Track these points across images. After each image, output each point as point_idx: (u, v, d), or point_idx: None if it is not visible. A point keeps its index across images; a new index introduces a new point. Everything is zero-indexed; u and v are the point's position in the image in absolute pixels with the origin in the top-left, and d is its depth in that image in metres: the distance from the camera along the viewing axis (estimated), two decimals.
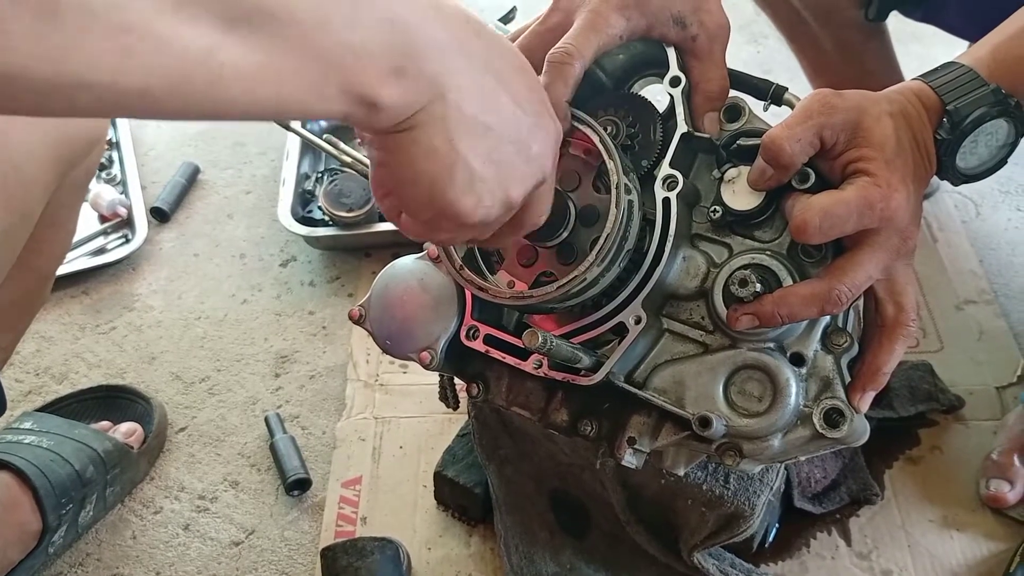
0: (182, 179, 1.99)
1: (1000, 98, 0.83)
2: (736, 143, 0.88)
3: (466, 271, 0.88)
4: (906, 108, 0.83)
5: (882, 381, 0.85)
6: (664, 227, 0.86)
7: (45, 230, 1.07)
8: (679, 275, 0.88)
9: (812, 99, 0.82)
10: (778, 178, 0.83)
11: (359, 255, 1.80)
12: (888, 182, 0.78)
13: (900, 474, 1.32)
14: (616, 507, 1.15)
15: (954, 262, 1.63)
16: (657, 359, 0.88)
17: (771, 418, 0.82)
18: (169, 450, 1.50)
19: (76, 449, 1.35)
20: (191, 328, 1.72)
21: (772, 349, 0.85)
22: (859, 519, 1.27)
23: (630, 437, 0.88)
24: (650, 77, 0.97)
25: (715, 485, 1.06)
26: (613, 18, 0.87)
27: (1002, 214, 1.73)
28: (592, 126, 0.85)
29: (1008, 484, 1.25)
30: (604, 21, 0.87)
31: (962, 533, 1.25)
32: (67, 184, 1.04)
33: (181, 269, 1.84)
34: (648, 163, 0.90)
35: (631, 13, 0.88)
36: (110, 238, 1.86)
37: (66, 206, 1.13)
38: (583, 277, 0.82)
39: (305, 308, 1.73)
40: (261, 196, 1.98)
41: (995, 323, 1.52)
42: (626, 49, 0.94)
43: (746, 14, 2.13)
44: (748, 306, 0.82)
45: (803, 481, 1.22)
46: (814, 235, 0.78)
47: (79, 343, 1.70)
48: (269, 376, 1.61)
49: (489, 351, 0.89)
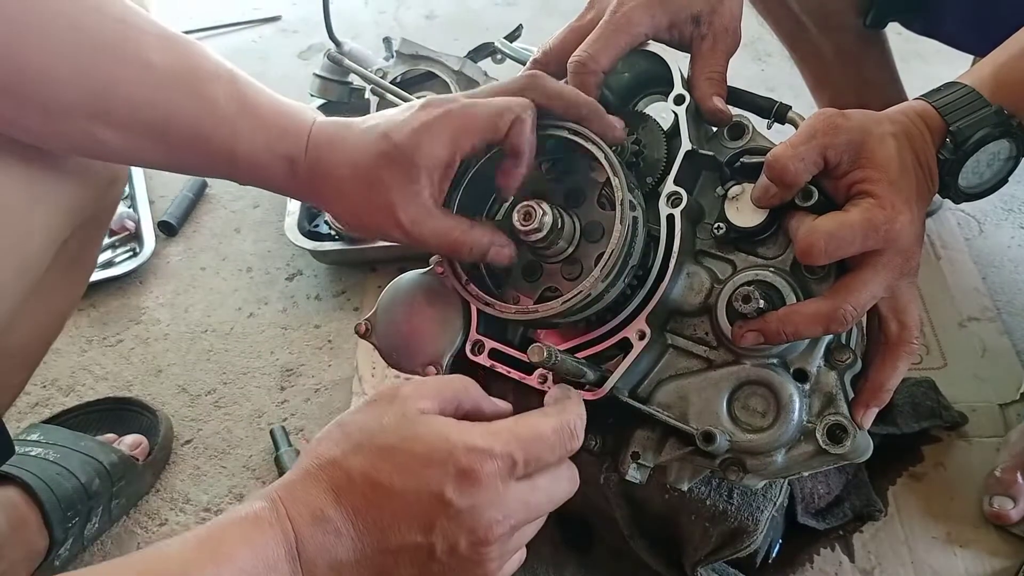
0: (190, 193, 2.00)
1: (1002, 119, 0.84)
2: (740, 161, 0.89)
3: (472, 286, 0.89)
4: (909, 128, 0.84)
5: (885, 398, 0.86)
6: (668, 243, 0.86)
7: (62, 271, 1.06)
8: (683, 291, 0.89)
9: (816, 119, 0.83)
10: (781, 196, 0.84)
11: (365, 269, 1.81)
12: (892, 204, 0.79)
13: (903, 490, 1.32)
14: (620, 522, 1.15)
15: (957, 280, 1.63)
16: (661, 374, 0.89)
17: (774, 434, 0.83)
18: (175, 462, 1.51)
19: (82, 462, 1.35)
20: (197, 341, 1.72)
21: (776, 365, 0.85)
22: (862, 535, 1.27)
23: (634, 452, 0.88)
24: (654, 95, 0.98)
25: (719, 500, 1.06)
26: (638, 15, 0.90)
27: (1005, 232, 1.73)
28: (597, 143, 0.86)
29: (1011, 501, 1.25)
30: (629, 20, 0.90)
31: (965, 550, 1.25)
32: (86, 223, 1.03)
33: (188, 282, 1.85)
34: (653, 180, 0.91)
35: (656, 11, 0.91)
36: (118, 251, 1.87)
37: (84, 246, 1.12)
38: (588, 292, 0.83)
39: (311, 322, 1.74)
40: (268, 210, 1.99)
41: (998, 340, 1.52)
42: (631, 68, 0.96)
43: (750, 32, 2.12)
44: (753, 323, 0.82)
45: (807, 497, 1.22)
46: (819, 258, 0.79)
47: (86, 355, 1.71)
48: (275, 389, 1.62)
49: (494, 365, 0.89)
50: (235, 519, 0.66)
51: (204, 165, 0.90)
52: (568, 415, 0.75)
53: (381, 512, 0.66)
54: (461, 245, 0.86)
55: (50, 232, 0.94)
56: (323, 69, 1.85)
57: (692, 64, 0.95)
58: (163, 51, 0.85)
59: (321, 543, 0.65)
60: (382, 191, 0.85)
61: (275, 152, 0.88)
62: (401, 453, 0.67)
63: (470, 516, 0.67)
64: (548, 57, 0.97)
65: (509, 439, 0.69)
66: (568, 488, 0.75)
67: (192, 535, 0.64)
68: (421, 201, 0.85)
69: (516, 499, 0.69)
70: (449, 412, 0.73)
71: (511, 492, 0.69)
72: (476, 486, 0.67)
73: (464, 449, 0.67)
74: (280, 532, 0.65)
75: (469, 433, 0.69)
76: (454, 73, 1.72)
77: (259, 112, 0.88)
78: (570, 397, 0.78)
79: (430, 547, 0.67)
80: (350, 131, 0.88)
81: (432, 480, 0.66)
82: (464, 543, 0.67)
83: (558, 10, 2.54)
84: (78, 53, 0.81)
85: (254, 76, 0.92)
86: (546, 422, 0.73)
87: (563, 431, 0.73)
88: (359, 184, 0.86)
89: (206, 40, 2.56)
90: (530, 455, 0.70)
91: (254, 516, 0.66)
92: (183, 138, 0.87)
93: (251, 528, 0.65)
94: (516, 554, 0.74)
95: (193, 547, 0.63)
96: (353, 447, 0.69)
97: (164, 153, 0.89)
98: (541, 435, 0.71)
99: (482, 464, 0.67)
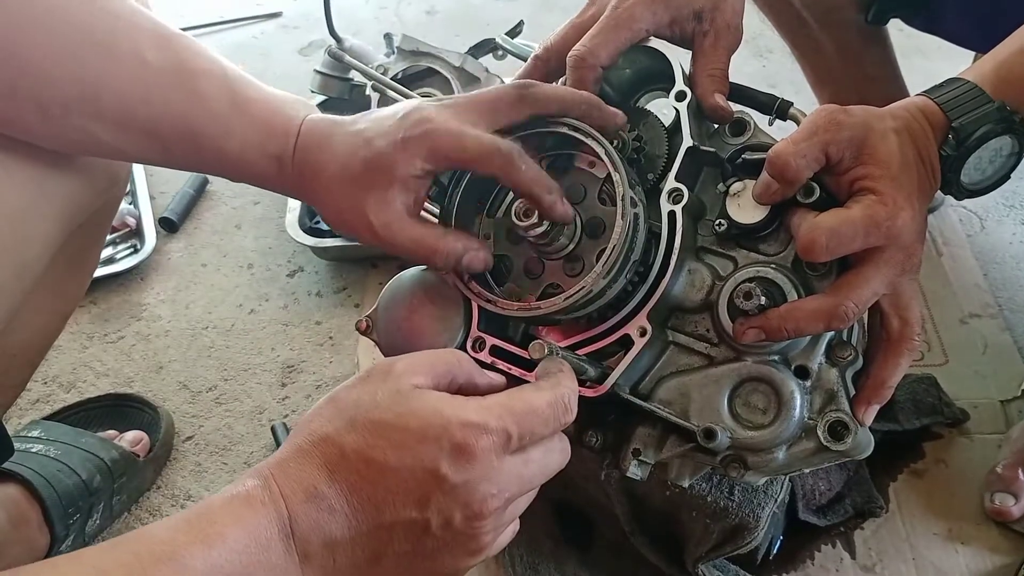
0: (191, 190, 2.00)
1: (1005, 115, 0.84)
2: (741, 157, 0.89)
3: (473, 284, 0.89)
4: (911, 124, 0.84)
5: (886, 394, 0.86)
6: (670, 240, 0.86)
7: (64, 271, 1.05)
8: (684, 288, 0.89)
9: (818, 115, 0.83)
10: (783, 192, 0.83)
11: (366, 266, 1.81)
12: (894, 200, 0.79)
13: (904, 487, 1.32)
14: (621, 518, 1.15)
15: (959, 276, 1.63)
16: (662, 371, 0.89)
17: (775, 430, 0.83)
18: (176, 459, 1.51)
19: (83, 458, 1.36)
20: (199, 338, 1.72)
21: (777, 362, 0.85)
22: (863, 532, 1.27)
23: (635, 449, 0.88)
24: (656, 91, 0.98)
25: (720, 497, 1.06)
26: (639, 11, 0.90)
27: (1007, 228, 1.73)
28: (598, 139, 0.86)
29: (1013, 498, 1.25)
30: (630, 16, 0.90)
31: (966, 546, 1.25)
32: (87, 225, 1.03)
33: (189, 279, 1.85)
34: (654, 177, 0.91)
35: (657, 7, 0.91)
36: (119, 248, 1.87)
37: (85, 246, 1.12)
38: (589, 289, 0.83)
39: (312, 318, 1.74)
40: (269, 207, 1.99)
41: (1000, 337, 1.52)
42: (632, 64, 0.95)
43: (752, 28, 2.13)
44: (755, 320, 0.82)
45: (807, 493, 1.22)
46: (821, 254, 0.79)
47: (87, 352, 1.71)
48: (276, 386, 1.62)
49: (495, 362, 0.89)
50: (226, 498, 0.65)
51: (197, 162, 0.90)
52: (562, 388, 0.75)
53: (375, 488, 0.66)
54: (434, 253, 0.86)
55: (50, 232, 0.94)
56: (324, 65, 1.85)
57: (694, 60, 0.94)
58: (157, 48, 0.85)
59: (315, 520, 0.65)
60: (359, 194, 0.85)
61: (265, 151, 0.88)
62: (395, 429, 0.67)
63: (465, 491, 0.67)
64: (549, 53, 0.97)
65: (503, 413, 0.69)
66: (560, 460, 0.75)
67: (181, 516, 0.64)
68: (394, 208, 0.85)
69: (510, 473, 0.69)
70: (443, 387, 0.73)
71: (505, 466, 0.68)
72: (471, 461, 0.66)
73: (459, 424, 0.67)
74: (273, 510, 0.64)
75: (464, 408, 0.68)
76: (455, 69, 1.71)
77: (250, 109, 0.88)
78: (562, 370, 0.77)
79: (425, 522, 0.66)
80: (337, 131, 0.88)
81: (427, 455, 0.66)
82: (459, 517, 0.67)
83: (559, 6, 2.54)
84: (73, 49, 0.81)
85: (255, 73, 0.92)
86: (540, 396, 0.72)
87: (557, 404, 0.73)
88: (343, 184, 0.86)
89: (207, 36, 2.57)
90: (524, 429, 0.69)
91: (246, 495, 0.65)
92: (175, 135, 0.87)
93: (242, 507, 0.64)
94: (509, 527, 0.74)
95: (183, 528, 0.62)
96: (346, 423, 0.68)
97: (158, 150, 0.89)
98: (535, 409, 0.71)
99: (477, 439, 0.67)
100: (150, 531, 0.63)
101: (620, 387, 0.86)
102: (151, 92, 0.85)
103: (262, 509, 0.64)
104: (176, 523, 0.63)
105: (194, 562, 0.60)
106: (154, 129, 0.87)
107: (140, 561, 0.59)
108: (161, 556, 0.60)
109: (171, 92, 0.86)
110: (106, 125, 0.85)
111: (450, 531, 0.67)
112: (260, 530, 0.63)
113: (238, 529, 0.63)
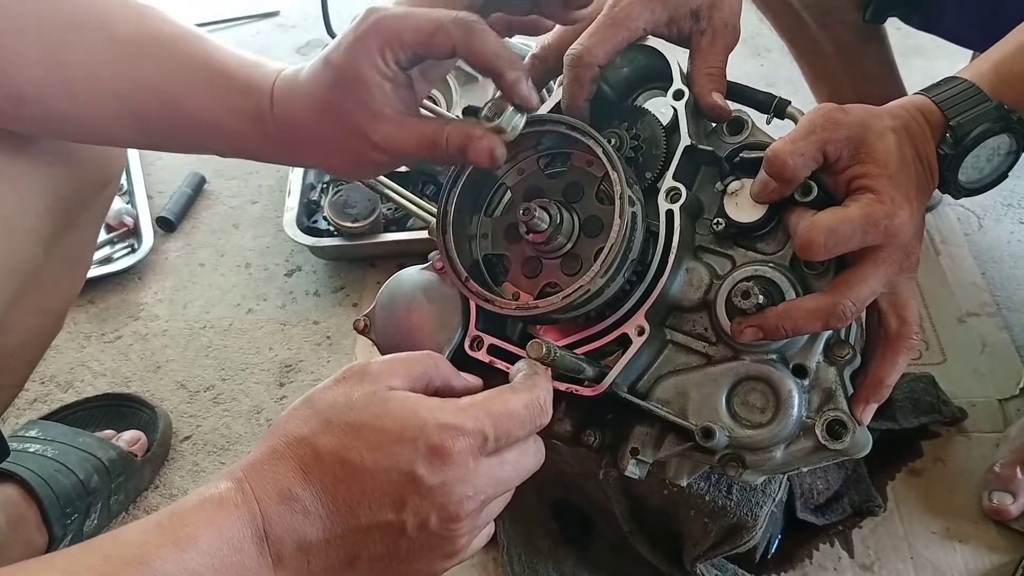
0: (188, 189, 2.00)
1: (1003, 114, 0.84)
2: (739, 156, 0.88)
3: (471, 283, 0.89)
4: (909, 123, 0.84)
5: (884, 393, 0.86)
6: (667, 239, 0.86)
7: (57, 271, 1.05)
8: (682, 287, 0.88)
9: (816, 113, 0.82)
10: (781, 191, 0.83)
11: (364, 265, 1.81)
12: (892, 199, 0.79)
13: (902, 486, 1.32)
14: (619, 517, 1.15)
15: (957, 275, 1.63)
16: (660, 370, 0.89)
17: (773, 429, 0.83)
18: (173, 459, 1.51)
19: (81, 458, 1.35)
20: (196, 337, 1.72)
21: (775, 361, 0.85)
22: (862, 530, 1.27)
23: (633, 448, 0.88)
24: (654, 90, 0.98)
25: (718, 496, 1.06)
26: (636, 10, 0.90)
27: (1005, 227, 1.73)
28: (596, 138, 0.86)
29: (1011, 496, 1.25)
30: (627, 15, 0.90)
31: (965, 545, 1.25)
32: (80, 223, 1.02)
33: (187, 279, 1.85)
34: (652, 175, 0.91)
35: (655, 6, 0.90)
36: (116, 247, 1.87)
37: (79, 244, 1.11)
38: (587, 288, 0.83)
39: (310, 318, 1.74)
40: (267, 206, 1.99)
41: (997, 335, 1.52)
42: (630, 62, 0.95)
43: (749, 27, 2.12)
44: (753, 319, 0.82)
45: (806, 492, 1.22)
46: (819, 253, 0.79)
47: (85, 351, 1.70)
48: (274, 385, 1.62)
49: (493, 361, 0.89)
50: (198, 500, 0.64)
51: (176, 136, 0.89)
52: (538, 390, 0.74)
53: (351, 490, 0.65)
54: (435, 145, 0.82)
55: (40, 227, 0.93)
56: None
57: (691, 59, 0.94)
58: (125, 21, 0.84)
59: (289, 523, 0.64)
60: (346, 119, 0.82)
61: (243, 112, 0.86)
62: (371, 430, 0.67)
63: (441, 493, 0.66)
64: (547, 52, 0.97)
65: (480, 415, 0.69)
66: (535, 461, 0.75)
67: (153, 519, 0.63)
68: (386, 115, 0.82)
69: (486, 475, 0.69)
70: (419, 389, 0.72)
71: (481, 468, 0.68)
72: (447, 463, 0.66)
73: (435, 426, 0.66)
74: (246, 512, 0.64)
75: (440, 410, 0.68)
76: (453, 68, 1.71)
77: (224, 71, 0.86)
78: (538, 372, 0.77)
79: (401, 524, 0.66)
80: (302, 70, 0.86)
81: (403, 457, 0.66)
82: (435, 519, 0.67)
83: None
84: (40, 28, 0.80)
85: None
86: (516, 398, 0.72)
87: (533, 406, 0.73)
88: (325, 121, 0.84)
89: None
90: (500, 431, 0.69)
91: (218, 497, 0.64)
92: (152, 109, 0.86)
93: (215, 509, 0.63)
94: (484, 529, 0.73)
95: (154, 531, 0.61)
96: (322, 424, 0.68)
97: (136, 128, 0.88)
98: (512, 411, 0.71)
99: (453, 441, 0.66)
100: (122, 533, 0.62)
101: (618, 386, 0.86)
102: (122, 65, 0.83)
103: (235, 511, 0.64)
104: (148, 526, 0.62)
105: (165, 565, 0.59)
106: (129, 104, 0.85)
107: (110, 564, 0.59)
108: (131, 559, 0.59)
109: (143, 63, 0.84)
110: (79, 104, 0.84)
111: (426, 533, 0.67)
112: (233, 532, 0.63)
113: (210, 532, 0.62)
